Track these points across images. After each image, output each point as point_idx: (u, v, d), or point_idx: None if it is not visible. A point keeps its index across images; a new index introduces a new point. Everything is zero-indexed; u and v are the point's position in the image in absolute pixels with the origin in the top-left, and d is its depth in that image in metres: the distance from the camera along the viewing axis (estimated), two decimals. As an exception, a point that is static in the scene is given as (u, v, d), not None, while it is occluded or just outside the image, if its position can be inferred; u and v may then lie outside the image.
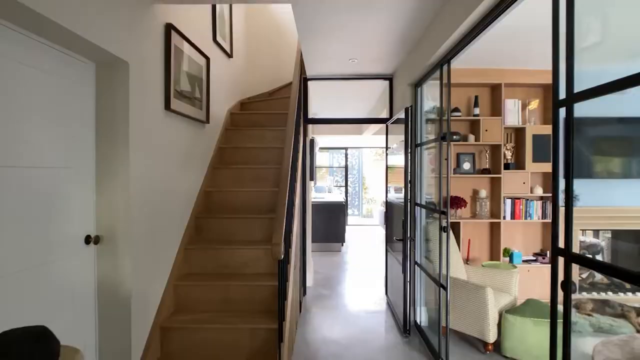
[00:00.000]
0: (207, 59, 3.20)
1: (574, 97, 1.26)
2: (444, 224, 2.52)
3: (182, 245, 2.71)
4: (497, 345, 2.79)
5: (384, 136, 4.22)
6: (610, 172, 3.82)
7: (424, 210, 3.18)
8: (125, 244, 2.04)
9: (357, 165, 12.17)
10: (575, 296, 3.67)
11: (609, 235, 4.09)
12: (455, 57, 2.32)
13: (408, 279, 3.13)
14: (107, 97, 2.02)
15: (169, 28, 2.49)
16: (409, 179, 3.12)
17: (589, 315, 3.26)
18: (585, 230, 3.85)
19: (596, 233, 4.05)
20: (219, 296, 2.54)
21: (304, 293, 4.11)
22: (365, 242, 7.61)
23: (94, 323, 2.02)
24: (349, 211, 10.93)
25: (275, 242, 2.00)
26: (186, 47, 2.79)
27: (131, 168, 2.06)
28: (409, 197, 3.11)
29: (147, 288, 2.25)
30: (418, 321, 3.22)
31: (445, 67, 2.47)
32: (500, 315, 2.80)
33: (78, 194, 1.90)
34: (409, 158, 3.13)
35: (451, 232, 2.76)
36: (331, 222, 6.42)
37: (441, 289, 2.56)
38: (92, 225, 2.00)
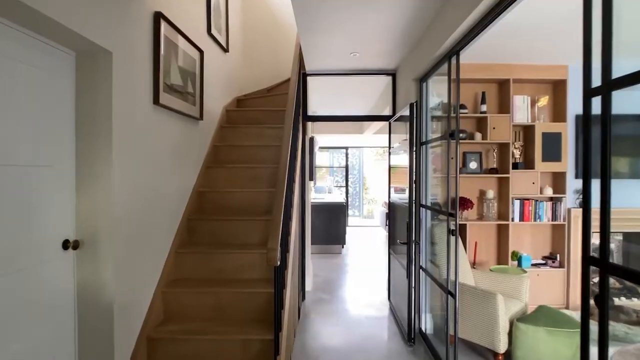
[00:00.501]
0: (201, 52, 3.04)
1: (611, 84, 1.09)
2: (452, 226, 2.36)
3: (172, 249, 2.55)
4: (508, 356, 2.63)
5: (386, 135, 4.06)
6: (619, 172, 3.66)
7: (429, 212, 3.02)
8: (107, 249, 1.87)
9: (357, 165, 12.01)
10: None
11: (620, 237, 3.93)
12: (465, 48, 2.16)
13: (413, 285, 2.96)
14: (88, 90, 1.86)
15: (158, 17, 2.33)
16: (414, 179, 2.95)
17: (603, 322, 3.10)
18: (595, 232, 3.68)
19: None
20: (211, 304, 2.38)
21: (303, 298, 3.95)
22: (366, 243, 7.45)
23: (73, 335, 1.85)
24: (350, 212, 10.77)
25: (270, 248, 1.83)
26: (178, 38, 2.63)
27: (115, 166, 1.90)
28: (413, 198, 2.95)
29: (133, 296, 2.09)
30: (423, 329, 3.06)
31: (453, 60, 2.31)
32: (511, 324, 2.63)
33: (55, 195, 1.74)
34: (414, 157, 2.96)
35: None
36: (331, 224, 6.26)
37: (449, 296, 2.39)
38: (71, 229, 1.83)
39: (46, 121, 1.69)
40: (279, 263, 1.86)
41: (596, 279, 3.62)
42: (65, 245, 1.78)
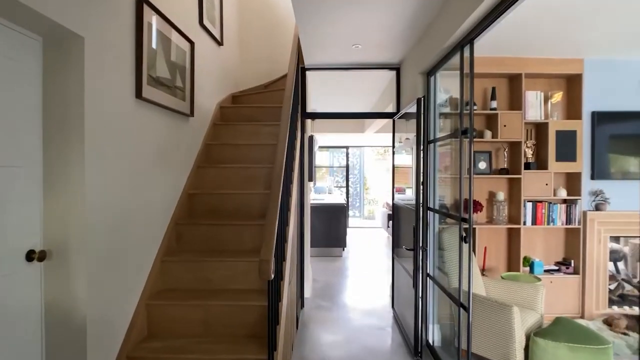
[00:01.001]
0: (192, 43, 2.82)
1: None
2: (464, 232, 2.15)
3: (158, 256, 2.33)
4: (524, 373, 2.42)
5: (387, 134, 3.88)
6: (628, 172, 3.43)
7: (436, 215, 2.81)
8: (80, 259, 1.66)
9: (358, 165, 11.79)
10: (605, 311, 3.30)
11: (638, 241, 3.72)
12: (481, 35, 1.94)
13: (420, 294, 2.75)
14: (57, 80, 1.65)
15: (141, 1, 2.11)
16: (422, 180, 2.74)
17: (625, 334, 2.89)
18: (618, 237, 3.47)
19: (616, 239, 3.67)
20: (200, 318, 2.16)
21: (302, 306, 3.73)
22: (367, 245, 7.23)
23: (40, 358, 1.64)
24: (350, 213, 10.55)
25: (263, 259, 1.62)
26: (164, 27, 2.41)
27: (88, 167, 1.69)
28: (421, 201, 2.73)
29: (110, 311, 1.87)
30: (430, 341, 2.85)
31: (467, 49, 2.10)
32: (528, 338, 2.42)
33: (18, 199, 1.53)
34: (422, 156, 2.74)
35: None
36: (331, 225, 6.04)
37: (461, 309, 2.18)
38: (37, 238, 1.62)
39: (7, 116, 1.47)
40: (272, 276, 1.64)
41: (613, 286, 3.35)
42: (30, 256, 1.56)
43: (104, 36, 1.81)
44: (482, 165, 3.46)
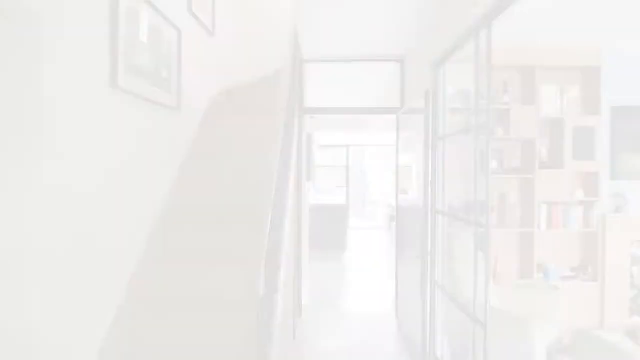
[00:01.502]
0: (179, 31, 2.59)
1: None
2: (480, 239, 1.92)
3: (138, 267, 2.09)
4: (544, 394, 2.19)
5: (389, 133, 3.63)
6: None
7: (446, 219, 2.57)
8: (33, 278, 1.43)
9: (359, 165, 11.55)
10: (626, 321, 3.06)
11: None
12: (502, 14, 1.71)
13: (427, 305, 2.51)
14: (9, 62, 1.41)
15: (117, -21, 1.88)
16: (430, 179, 2.50)
17: (650, 348, 2.65)
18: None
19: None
20: (185, 334, 1.93)
21: (299, 314, 3.50)
22: (368, 247, 7.00)
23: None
24: (351, 213, 10.31)
25: (251, 272, 1.38)
26: (147, 10, 2.18)
27: (48, 167, 1.45)
28: (429, 203, 2.49)
29: (75, 335, 1.64)
30: (439, 354, 2.61)
31: (483, 34, 1.86)
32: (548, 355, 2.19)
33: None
34: (430, 154, 2.51)
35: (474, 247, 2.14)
36: (331, 227, 5.82)
37: (477, 326, 1.94)
38: (-14, 248, 1.38)
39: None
40: (262, 292, 1.41)
41: (633, 294, 3.07)
42: (-24, 270, 1.33)
43: (68, 13, 1.57)
44: (493, 164, 3.22)
